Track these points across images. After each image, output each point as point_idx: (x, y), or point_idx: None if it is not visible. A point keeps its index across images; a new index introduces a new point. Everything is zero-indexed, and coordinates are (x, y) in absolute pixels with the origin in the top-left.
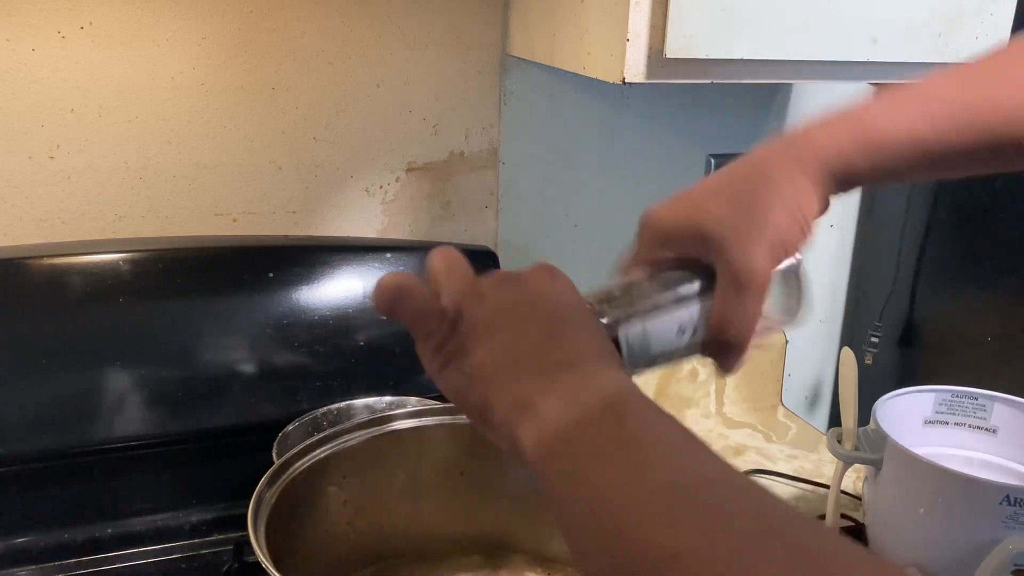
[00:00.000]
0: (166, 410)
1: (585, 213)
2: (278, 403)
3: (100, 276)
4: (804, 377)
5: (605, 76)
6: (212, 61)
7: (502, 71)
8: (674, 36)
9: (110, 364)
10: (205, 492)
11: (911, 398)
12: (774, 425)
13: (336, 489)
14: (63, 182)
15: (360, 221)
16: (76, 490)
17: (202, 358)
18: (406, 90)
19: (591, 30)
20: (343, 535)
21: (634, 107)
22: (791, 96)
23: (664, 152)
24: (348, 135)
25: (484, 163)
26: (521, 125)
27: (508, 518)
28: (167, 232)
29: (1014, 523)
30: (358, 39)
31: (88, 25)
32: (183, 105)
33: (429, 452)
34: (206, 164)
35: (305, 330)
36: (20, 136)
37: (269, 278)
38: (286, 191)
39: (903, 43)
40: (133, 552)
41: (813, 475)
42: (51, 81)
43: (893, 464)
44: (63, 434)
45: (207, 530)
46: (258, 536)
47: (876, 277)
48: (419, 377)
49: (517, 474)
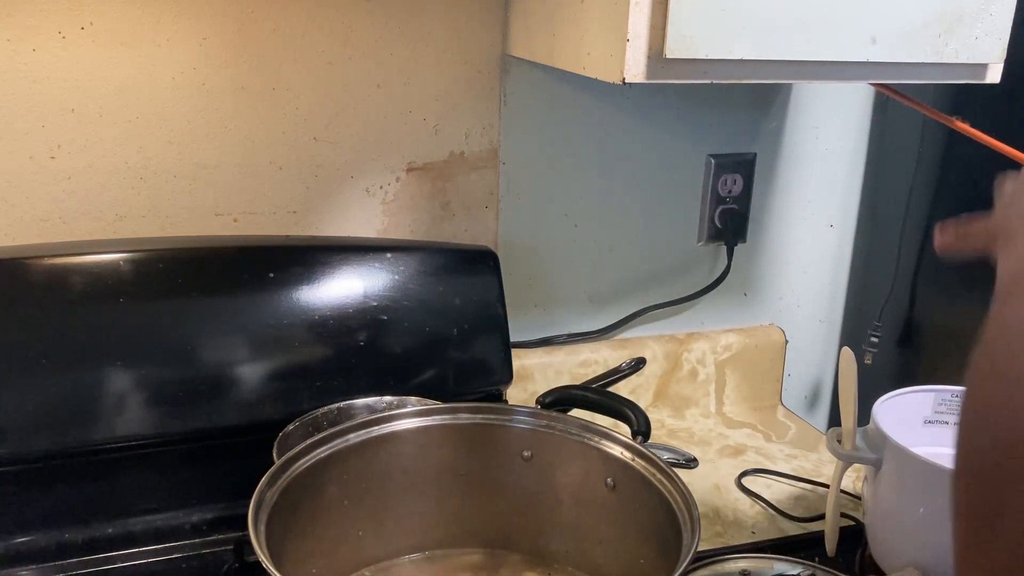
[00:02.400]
0: (166, 410)
1: (585, 213)
2: (278, 403)
3: (100, 276)
4: (804, 377)
5: (605, 76)
6: (213, 61)
7: (502, 71)
8: (674, 36)
9: (110, 364)
10: (205, 492)
11: (911, 398)
12: (774, 425)
13: (336, 489)
14: (64, 182)
15: (360, 221)
16: (76, 490)
17: (202, 358)
18: (406, 90)
19: (591, 30)
20: (343, 535)
21: (634, 107)
22: (791, 96)
23: (664, 152)
24: (348, 135)
25: (484, 163)
26: (521, 125)
27: (508, 518)
28: (168, 232)
29: None
30: (358, 39)
31: (89, 25)
32: (184, 105)
33: (429, 452)
34: (207, 164)
35: (305, 330)
36: (21, 136)
37: (269, 278)
38: (286, 191)
39: (902, 43)
40: (133, 552)
41: (813, 475)
42: (52, 81)
43: (893, 464)
44: (63, 434)
45: (207, 530)
46: (258, 536)
47: (876, 277)
48: (419, 377)
49: (517, 474)
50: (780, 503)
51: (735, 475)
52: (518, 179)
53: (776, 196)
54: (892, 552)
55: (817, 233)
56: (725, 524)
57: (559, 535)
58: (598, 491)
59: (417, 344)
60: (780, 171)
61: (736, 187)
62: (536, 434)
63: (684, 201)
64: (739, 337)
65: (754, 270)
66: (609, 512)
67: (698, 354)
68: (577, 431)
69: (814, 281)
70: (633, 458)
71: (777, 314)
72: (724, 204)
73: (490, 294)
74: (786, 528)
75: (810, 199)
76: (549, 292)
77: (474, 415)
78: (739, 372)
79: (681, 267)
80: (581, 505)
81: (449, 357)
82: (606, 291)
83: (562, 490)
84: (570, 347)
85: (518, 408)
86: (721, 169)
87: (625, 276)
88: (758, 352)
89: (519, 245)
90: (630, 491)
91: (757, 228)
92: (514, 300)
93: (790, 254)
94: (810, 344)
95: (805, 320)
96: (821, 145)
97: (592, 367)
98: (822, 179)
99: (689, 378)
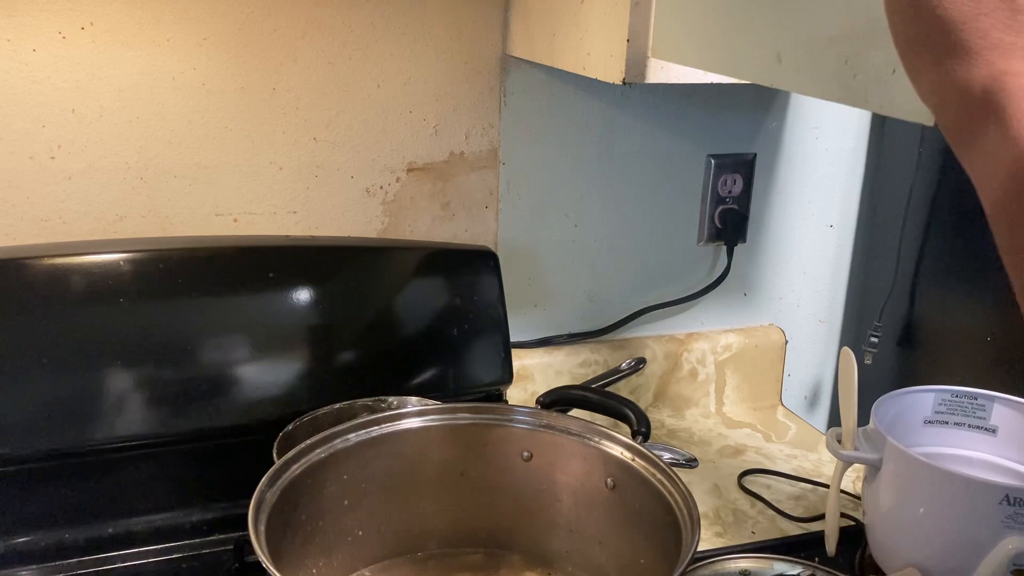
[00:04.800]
0: (166, 410)
1: (585, 213)
2: (278, 403)
3: (101, 276)
4: (804, 377)
5: (605, 76)
6: (213, 62)
7: (502, 71)
8: (659, 39)
9: (110, 364)
10: (205, 492)
11: (911, 398)
12: (774, 425)
13: (336, 489)
14: (64, 182)
15: (360, 221)
16: (76, 490)
17: (202, 358)
18: (406, 90)
19: (591, 31)
20: (343, 535)
21: (634, 107)
22: (791, 96)
23: (664, 152)
24: (348, 135)
25: (484, 163)
26: (521, 125)
27: (508, 518)
28: (168, 232)
29: (1014, 523)
30: (358, 40)
31: (89, 25)
32: (184, 105)
33: (429, 452)
34: (207, 164)
35: (305, 330)
36: (21, 136)
37: (269, 278)
38: (287, 191)
39: None
40: (133, 552)
41: (813, 475)
42: (52, 81)
43: (892, 464)
44: (63, 434)
45: (207, 530)
46: (258, 536)
47: (876, 277)
48: (419, 377)
49: (517, 474)
50: (780, 503)
51: (735, 475)
52: (518, 179)
53: (776, 196)
54: (892, 552)
55: (817, 233)
56: (725, 524)
57: (559, 535)
58: (598, 491)
59: (417, 344)
60: (780, 171)
61: (736, 187)
62: (536, 434)
63: (684, 201)
64: (739, 337)
65: (754, 270)
66: (609, 512)
67: (698, 354)
68: (577, 431)
69: (814, 281)
70: (633, 458)
71: (777, 314)
72: (724, 204)
73: (490, 294)
74: (786, 528)
75: (810, 199)
76: (549, 292)
77: (474, 415)
78: (739, 372)
79: (681, 267)
80: (581, 505)
81: (449, 357)
82: (606, 291)
83: (562, 490)
84: (570, 347)
85: (518, 408)
86: (721, 169)
87: (625, 276)
88: (758, 352)
89: (519, 245)
90: (630, 491)
91: (757, 228)
92: (514, 300)
93: (790, 254)
94: (810, 344)
95: (805, 320)
96: (821, 145)
97: (592, 367)
98: (822, 179)
99: (689, 378)
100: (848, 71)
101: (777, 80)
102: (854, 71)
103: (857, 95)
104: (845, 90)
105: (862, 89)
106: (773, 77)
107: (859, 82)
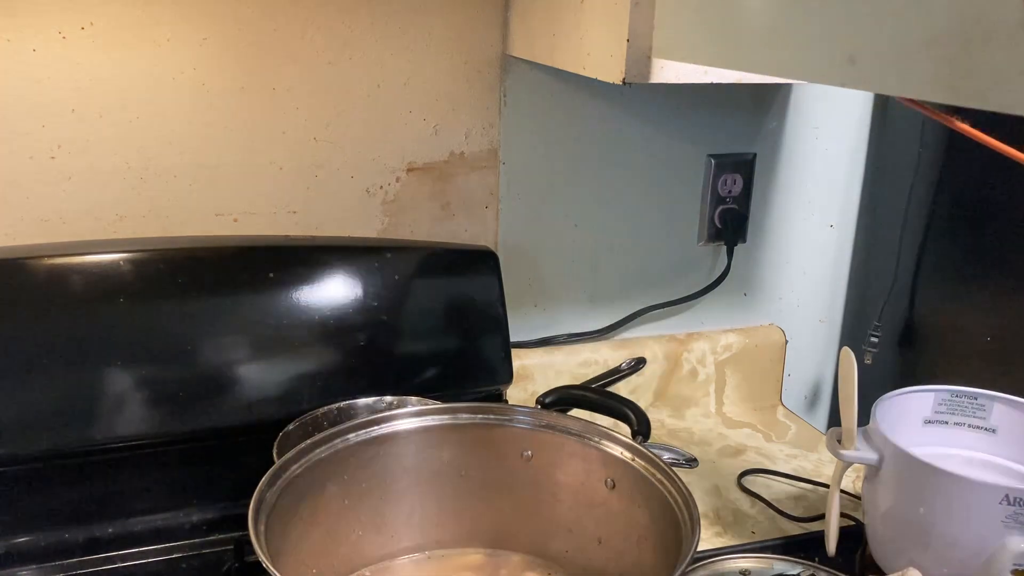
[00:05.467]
0: (166, 410)
1: (585, 213)
2: (278, 403)
3: (101, 276)
4: (804, 377)
5: (605, 76)
6: (213, 62)
7: (502, 71)
8: (661, 40)
9: (110, 364)
10: (205, 492)
11: (911, 398)
12: (774, 425)
13: (336, 489)
14: (64, 182)
15: (360, 221)
16: (76, 490)
17: (202, 358)
18: (406, 90)
19: (591, 31)
20: (343, 535)
21: (634, 107)
22: (791, 96)
23: (664, 152)
24: (348, 135)
25: (484, 163)
26: (521, 125)
27: (508, 518)
28: (168, 232)
29: (1014, 523)
30: (358, 40)
31: (89, 26)
32: (184, 106)
33: (429, 452)
34: (207, 164)
35: (305, 330)
36: (21, 136)
37: (269, 278)
38: (287, 191)
39: None
40: (133, 552)
41: (813, 475)
42: (52, 81)
43: (892, 464)
44: (63, 434)
45: (207, 530)
46: (258, 536)
47: (876, 277)
48: (419, 377)
49: (517, 474)
50: (780, 503)
51: (735, 475)
52: (518, 179)
53: (776, 196)
54: (892, 552)
55: (817, 233)
56: (725, 524)
57: (559, 535)
58: (598, 491)
59: (417, 344)
60: (780, 171)
61: (736, 187)
62: (536, 434)
63: (684, 201)
64: (739, 337)
65: (754, 270)
66: (609, 512)
67: (698, 354)
68: (577, 431)
69: (814, 281)
70: (633, 458)
71: (777, 314)
72: (724, 204)
73: (490, 294)
74: (786, 528)
75: (810, 199)
76: (549, 292)
77: (474, 415)
78: (739, 372)
79: (681, 267)
80: (581, 505)
81: (449, 357)
82: (606, 291)
83: (562, 490)
84: (570, 347)
85: (518, 408)
86: (721, 169)
87: (625, 276)
88: (758, 352)
89: (519, 245)
90: (630, 491)
91: (757, 228)
92: (514, 300)
93: (790, 254)
94: (810, 344)
95: (805, 320)
96: (821, 145)
97: (592, 367)
98: (822, 179)
99: (689, 378)
100: (955, 72)
101: (852, 81)
102: (965, 72)
103: (971, 95)
104: (950, 90)
105: (979, 90)
106: (846, 78)
107: (972, 84)
